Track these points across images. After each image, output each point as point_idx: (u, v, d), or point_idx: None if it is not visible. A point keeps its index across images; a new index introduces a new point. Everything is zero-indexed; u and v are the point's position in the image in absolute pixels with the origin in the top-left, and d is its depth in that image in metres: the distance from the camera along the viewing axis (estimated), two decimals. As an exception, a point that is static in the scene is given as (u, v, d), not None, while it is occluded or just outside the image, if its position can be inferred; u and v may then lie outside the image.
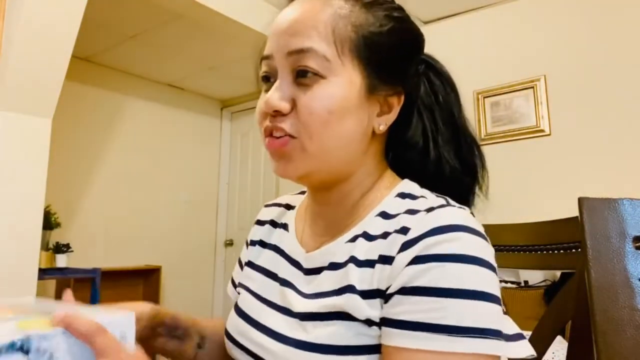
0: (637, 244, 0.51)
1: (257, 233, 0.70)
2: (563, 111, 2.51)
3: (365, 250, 0.52)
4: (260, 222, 0.72)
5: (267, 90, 0.55)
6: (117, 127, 3.59)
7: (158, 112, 3.87)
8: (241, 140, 4.34)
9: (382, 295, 0.48)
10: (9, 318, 0.40)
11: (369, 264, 0.50)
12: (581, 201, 0.53)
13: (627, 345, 0.48)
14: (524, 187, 2.54)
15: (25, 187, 1.97)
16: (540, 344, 0.68)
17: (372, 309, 0.48)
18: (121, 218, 3.54)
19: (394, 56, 0.55)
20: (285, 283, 0.58)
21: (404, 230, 0.49)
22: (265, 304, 0.59)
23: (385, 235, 0.51)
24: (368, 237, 0.53)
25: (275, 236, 0.67)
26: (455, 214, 0.48)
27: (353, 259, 0.52)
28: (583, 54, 2.46)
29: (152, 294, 3.56)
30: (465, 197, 0.59)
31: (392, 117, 0.56)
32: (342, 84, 0.52)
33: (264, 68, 0.55)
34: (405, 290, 0.46)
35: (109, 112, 3.54)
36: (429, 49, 0.63)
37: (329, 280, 0.53)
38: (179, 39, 3.14)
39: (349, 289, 0.50)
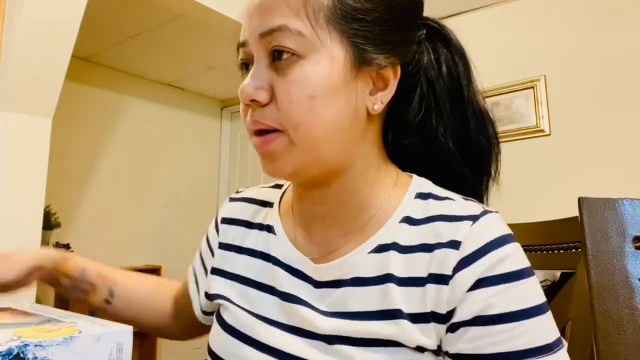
0: (637, 244, 0.51)
1: (228, 234, 0.61)
2: (563, 111, 2.51)
3: (401, 265, 0.46)
4: (229, 221, 0.62)
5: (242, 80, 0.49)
6: (117, 127, 3.59)
7: (158, 112, 3.87)
8: (241, 140, 4.33)
9: (438, 319, 0.44)
10: (5, 324, 0.40)
11: (415, 282, 0.45)
12: (581, 201, 0.53)
13: (627, 345, 0.48)
14: (524, 187, 2.54)
15: (25, 187, 1.97)
16: (540, 343, 0.68)
17: (424, 336, 0.43)
18: (121, 218, 3.54)
19: (382, 23, 0.47)
20: (289, 298, 0.50)
21: (454, 245, 0.44)
22: (268, 323, 0.51)
23: (426, 248, 0.46)
24: (399, 248, 0.47)
25: (255, 240, 0.57)
26: (497, 222, 0.46)
27: (391, 277, 0.46)
28: (583, 54, 2.46)
29: (152, 294, 3.56)
30: (465, 188, 0.53)
31: (388, 93, 0.49)
32: (322, 62, 0.45)
33: (240, 56, 0.50)
34: (482, 321, 0.42)
35: (109, 112, 3.54)
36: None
37: (358, 299, 0.47)
38: (179, 39, 3.14)
39: (395, 314, 0.44)
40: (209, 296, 0.60)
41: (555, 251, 0.69)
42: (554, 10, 2.59)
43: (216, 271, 0.60)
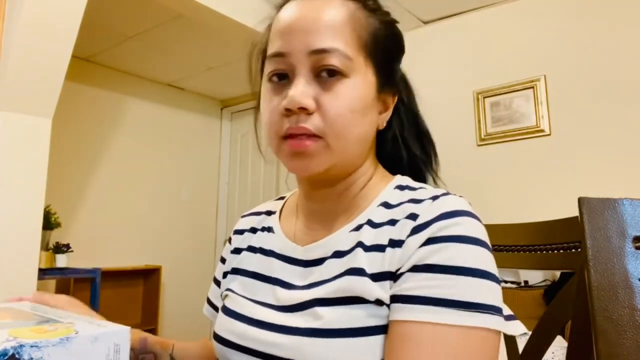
0: (637, 244, 0.51)
1: (236, 242, 0.70)
2: (563, 111, 2.51)
3: (371, 236, 0.53)
4: (239, 232, 0.71)
5: (276, 90, 0.55)
6: (117, 127, 3.59)
7: (158, 112, 3.87)
8: (241, 140, 4.34)
9: (392, 277, 0.49)
10: (3, 324, 0.39)
11: (378, 248, 0.51)
12: (581, 201, 0.53)
13: (627, 345, 0.48)
14: (524, 187, 2.54)
15: (25, 187, 1.97)
16: (540, 344, 0.68)
17: (382, 290, 0.49)
18: (121, 218, 3.54)
19: (392, 58, 0.60)
20: (278, 282, 0.58)
21: (413, 217, 0.51)
22: (259, 304, 0.58)
23: (392, 222, 0.52)
24: (373, 224, 0.54)
25: (257, 240, 0.66)
26: (458, 201, 0.51)
27: (360, 244, 0.53)
28: (583, 54, 2.46)
29: (152, 294, 3.56)
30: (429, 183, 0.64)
31: (388, 115, 0.60)
32: (361, 83, 0.54)
33: (276, 65, 0.55)
34: (416, 268, 0.47)
35: (109, 112, 3.54)
36: (429, 49, 0.64)
37: (334, 267, 0.53)
38: (179, 39, 3.14)
39: (357, 271, 0.50)
40: (221, 295, 0.67)
41: (555, 251, 0.68)
42: (554, 10, 2.59)
43: (225, 274, 0.68)
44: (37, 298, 0.56)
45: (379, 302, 0.49)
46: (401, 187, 0.58)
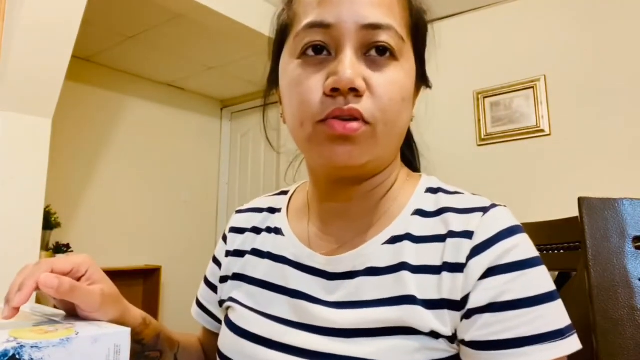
0: (637, 244, 0.51)
1: (235, 242, 0.62)
2: (563, 111, 2.51)
3: (415, 254, 0.47)
4: (237, 230, 0.63)
5: (312, 66, 0.46)
6: (117, 127, 3.59)
7: (158, 112, 3.87)
8: (241, 140, 4.33)
9: (453, 306, 0.44)
10: (3, 325, 0.39)
11: (430, 270, 0.46)
12: (581, 201, 0.53)
13: (627, 345, 0.48)
14: (524, 187, 2.54)
15: (25, 187, 1.97)
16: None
17: (438, 321, 0.44)
18: (121, 218, 3.54)
19: (425, 49, 0.54)
20: (298, 295, 0.51)
21: (467, 235, 0.45)
22: (276, 321, 0.51)
23: (439, 238, 0.47)
24: (413, 238, 0.48)
25: (263, 243, 0.59)
26: (506, 213, 0.47)
27: (404, 266, 0.46)
28: (583, 54, 2.46)
29: (152, 294, 3.56)
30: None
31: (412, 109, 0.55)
32: (409, 70, 0.49)
33: (315, 37, 0.46)
34: (496, 307, 0.42)
35: (109, 112, 3.54)
36: (428, 48, 0.63)
37: (371, 288, 0.47)
38: (179, 39, 3.14)
39: (407, 299, 0.45)
40: (220, 303, 0.61)
41: (555, 251, 0.69)
42: (554, 10, 2.59)
43: (224, 279, 0.61)
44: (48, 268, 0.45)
45: (433, 334, 0.44)
46: (433, 190, 0.52)
